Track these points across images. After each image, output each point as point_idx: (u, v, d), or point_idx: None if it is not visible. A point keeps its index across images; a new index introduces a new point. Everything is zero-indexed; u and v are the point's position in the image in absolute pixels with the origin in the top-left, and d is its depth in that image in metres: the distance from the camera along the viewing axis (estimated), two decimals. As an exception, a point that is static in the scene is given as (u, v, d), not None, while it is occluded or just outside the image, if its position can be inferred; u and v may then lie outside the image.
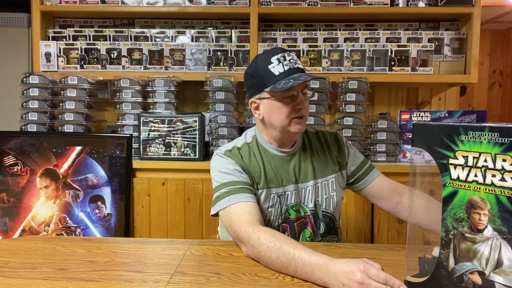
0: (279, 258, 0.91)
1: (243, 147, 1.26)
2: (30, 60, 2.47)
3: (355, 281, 0.76)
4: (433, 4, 2.25)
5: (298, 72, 1.17)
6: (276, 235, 0.96)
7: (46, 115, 2.19)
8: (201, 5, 2.28)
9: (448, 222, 0.70)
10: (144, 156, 2.11)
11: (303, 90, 1.20)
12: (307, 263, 0.86)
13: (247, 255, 1.03)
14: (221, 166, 1.20)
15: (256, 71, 1.21)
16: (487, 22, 3.94)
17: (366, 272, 0.76)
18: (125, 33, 2.37)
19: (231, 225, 1.08)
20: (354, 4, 2.25)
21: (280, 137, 1.25)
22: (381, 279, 0.75)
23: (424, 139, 0.72)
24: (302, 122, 1.20)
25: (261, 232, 0.98)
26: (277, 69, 1.16)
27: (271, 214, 1.22)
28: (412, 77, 2.23)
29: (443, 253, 0.70)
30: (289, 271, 0.90)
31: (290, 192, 1.24)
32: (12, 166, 2.07)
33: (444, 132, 0.70)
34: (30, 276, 0.90)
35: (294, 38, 2.32)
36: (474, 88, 4.36)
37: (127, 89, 2.19)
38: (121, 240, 1.26)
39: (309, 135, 1.35)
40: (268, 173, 1.23)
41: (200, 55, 2.28)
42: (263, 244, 0.95)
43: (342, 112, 2.16)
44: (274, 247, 0.92)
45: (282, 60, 1.17)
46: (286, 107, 1.18)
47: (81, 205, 2.04)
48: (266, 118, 1.23)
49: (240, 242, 1.05)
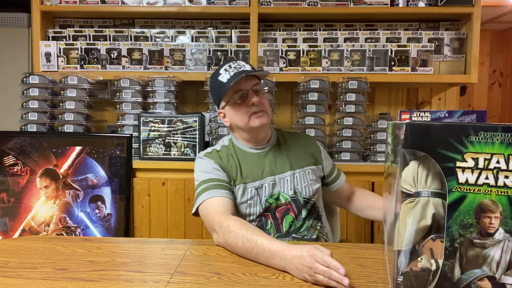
0: (244, 244, 1.01)
1: (222, 149, 1.37)
2: (30, 60, 2.47)
3: (305, 265, 0.87)
4: (433, 4, 2.25)
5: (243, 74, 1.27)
6: (243, 224, 1.07)
7: (46, 115, 2.19)
8: (201, 5, 2.28)
9: (453, 230, 0.65)
10: (144, 156, 2.11)
11: (253, 87, 1.30)
12: (267, 249, 0.96)
13: (217, 242, 1.12)
14: (201, 166, 1.31)
15: (212, 86, 1.37)
16: (487, 22, 3.94)
17: (313, 257, 0.86)
18: (125, 33, 2.37)
19: (206, 216, 1.18)
20: (354, 4, 2.25)
21: (249, 136, 1.36)
22: (324, 262, 0.85)
23: (423, 140, 0.66)
24: (262, 116, 1.30)
25: (231, 221, 1.08)
26: (225, 77, 1.28)
27: (251, 206, 1.30)
28: (412, 77, 2.23)
29: (447, 265, 0.66)
30: (252, 256, 1.00)
31: (268, 184, 1.32)
32: (12, 166, 2.07)
33: (451, 133, 0.64)
34: (30, 276, 0.90)
35: (294, 38, 2.32)
36: (474, 88, 4.36)
37: (127, 89, 2.19)
38: (121, 240, 1.26)
39: (284, 134, 1.47)
40: (244, 170, 1.32)
41: (200, 55, 2.28)
42: (232, 231, 1.05)
43: (342, 112, 2.16)
44: (241, 233, 1.02)
45: (228, 68, 1.30)
46: (241, 106, 1.30)
47: (81, 205, 2.04)
48: (232, 123, 1.36)
49: (213, 230, 1.15)
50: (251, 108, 1.29)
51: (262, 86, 1.35)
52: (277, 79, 2.18)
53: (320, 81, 2.15)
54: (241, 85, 1.28)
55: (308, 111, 2.16)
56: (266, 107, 1.32)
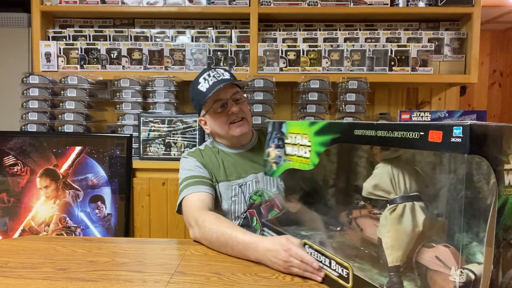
0: (219, 238, 1.04)
1: (205, 149, 1.42)
2: (30, 60, 2.47)
3: (280, 259, 0.91)
4: (433, 4, 2.25)
5: (222, 83, 1.30)
6: (218, 218, 1.10)
7: (46, 115, 2.19)
8: (201, 5, 2.28)
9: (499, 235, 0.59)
10: (144, 156, 2.11)
11: (233, 96, 1.34)
12: (241, 242, 0.99)
13: (194, 237, 1.15)
14: (185, 164, 1.36)
15: (192, 95, 1.40)
16: (487, 22, 3.94)
17: (288, 252, 0.90)
18: (125, 33, 2.37)
19: (184, 212, 1.21)
20: (354, 4, 2.25)
21: (230, 143, 1.40)
22: (299, 257, 0.88)
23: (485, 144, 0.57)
24: (242, 125, 1.34)
25: (207, 215, 1.12)
26: (204, 86, 1.32)
27: (235, 203, 1.33)
28: (412, 77, 2.23)
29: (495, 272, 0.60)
30: (227, 250, 1.03)
31: (251, 182, 1.35)
32: (12, 166, 2.07)
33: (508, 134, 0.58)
34: (30, 276, 0.90)
35: (294, 38, 2.32)
36: (474, 88, 4.35)
37: (127, 89, 2.19)
38: (121, 240, 1.27)
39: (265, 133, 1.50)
40: (228, 168, 1.36)
41: (200, 55, 2.28)
42: (207, 226, 1.08)
43: (342, 112, 2.16)
44: (215, 227, 1.06)
45: (207, 77, 1.33)
46: (220, 115, 1.34)
47: (81, 205, 2.04)
48: (213, 130, 1.40)
49: (189, 225, 1.17)
50: (230, 117, 1.33)
51: (242, 94, 1.39)
52: (277, 79, 2.18)
53: (320, 81, 2.15)
54: (220, 95, 1.32)
55: (308, 111, 2.16)
56: (246, 114, 1.36)
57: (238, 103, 1.35)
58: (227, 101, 1.33)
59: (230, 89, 1.34)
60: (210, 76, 1.33)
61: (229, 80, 1.32)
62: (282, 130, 1.00)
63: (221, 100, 1.32)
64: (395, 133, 0.65)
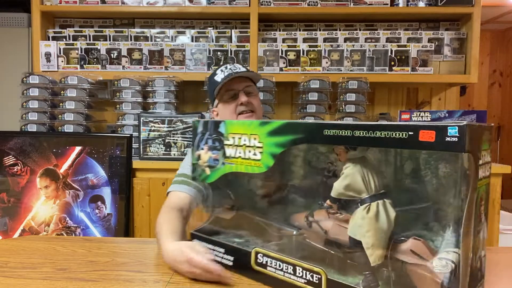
0: (156, 234, 1.06)
1: None
2: (30, 60, 2.47)
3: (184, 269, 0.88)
4: (433, 4, 2.25)
5: (236, 74, 1.32)
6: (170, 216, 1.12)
7: (46, 115, 2.19)
8: (201, 5, 2.28)
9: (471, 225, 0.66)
10: (144, 156, 2.11)
11: (245, 89, 1.35)
12: (161, 238, 1.00)
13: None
14: (184, 160, 1.38)
15: (208, 84, 1.43)
16: (487, 22, 3.94)
17: (190, 262, 0.86)
18: (125, 33, 2.37)
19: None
20: (354, 4, 2.25)
21: None
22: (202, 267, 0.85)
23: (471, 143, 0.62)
24: (250, 116, 1.34)
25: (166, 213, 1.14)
26: (219, 77, 1.34)
27: None
28: (412, 77, 2.23)
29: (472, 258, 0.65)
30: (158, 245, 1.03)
31: None
32: (12, 166, 2.07)
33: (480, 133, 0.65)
34: (30, 276, 0.90)
35: (294, 38, 2.32)
36: (474, 88, 4.36)
37: (127, 89, 2.19)
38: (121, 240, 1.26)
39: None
40: None
41: (200, 55, 2.28)
42: (157, 222, 1.10)
43: (342, 112, 2.16)
44: (159, 223, 1.08)
45: (224, 69, 1.35)
46: (230, 105, 1.34)
47: (81, 205, 2.04)
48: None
49: None
50: (239, 107, 1.34)
51: (255, 88, 1.40)
52: (277, 79, 2.18)
53: (320, 81, 2.15)
54: (233, 85, 1.34)
55: (308, 111, 2.16)
56: (255, 107, 1.36)
57: (249, 96, 1.36)
58: (238, 92, 1.34)
59: (243, 82, 1.36)
60: (227, 68, 1.36)
61: (243, 72, 1.35)
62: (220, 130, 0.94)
63: (232, 90, 1.34)
64: (377, 133, 0.66)
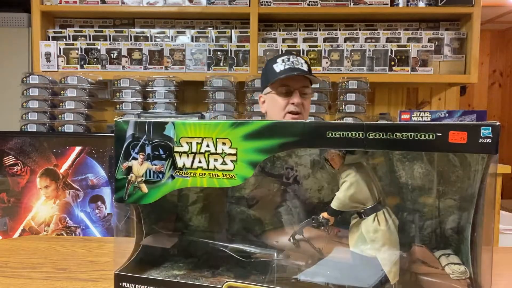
0: None
1: None
2: (30, 60, 2.47)
3: None
4: (433, 4, 2.25)
5: (298, 72, 1.27)
6: None
7: (46, 115, 2.19)
8: (201, 5, 2.28)
9: None
10: (144, 156, 2.10)
11: (301, 89, 1.30)
12: None
13: None
14: None
15: (265, 69, 1.37)
16: (487, 22, 3.94)
17: None
18: (125, 33, 2.37)
19: None
20: (354, 4, 2.25)
21: None
22: None
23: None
24: (298, 118, 1.29)
25: None
26: (279, 67, 1.29)
27: None
28: (412, 77, 2.23)
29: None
30: None
31: None
32: (12, 166, 2.06)
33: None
34: (30, 276, 0.90)
35: (294, 38, 2.32)
36: (474, 88, 4.36)
37: (127, 89, 2.19)
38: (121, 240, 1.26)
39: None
40: None
41: (200, 55, 2.28)
42: None
43: (342, 112, 2.16)
44: None
45: (286, 60, 1.30)
46: (282, 100, 1.30)
47: (81, 205, 2.04)
48: (268, 111, 1.37)
49: None
50: (290, 106, 1.30)
51: (310, 90, 1.35)
52: (277, 79, 2.18)
53: (320, 81, 2.14)
54: (290, 81, 1.29)
55: (308, 111, 2.16)
56: (305, 111, 1.33)
57: (303, 97, 1.32)
58: (293, 90, 1.30)
59: (301, 81, 1.32)
60: (290, 60, 1.31)
61: (305, 72, 1.30)
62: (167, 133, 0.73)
63: (288, 87, 1.30)
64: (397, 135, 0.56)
